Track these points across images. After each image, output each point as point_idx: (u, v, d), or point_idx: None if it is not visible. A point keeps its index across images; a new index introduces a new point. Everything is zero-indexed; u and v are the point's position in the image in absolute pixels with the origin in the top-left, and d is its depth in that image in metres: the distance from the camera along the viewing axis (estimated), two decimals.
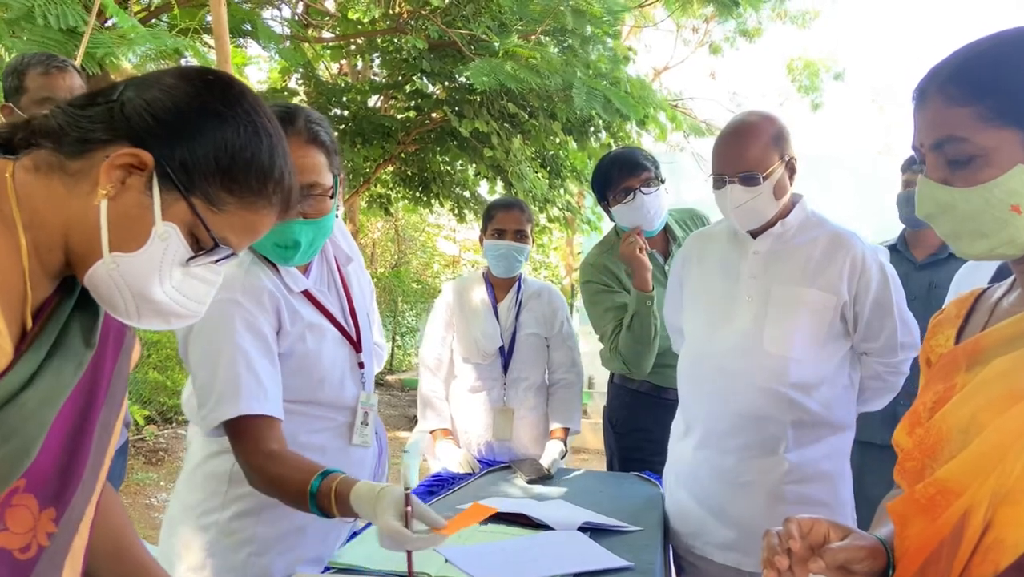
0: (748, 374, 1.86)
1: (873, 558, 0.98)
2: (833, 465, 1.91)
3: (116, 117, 0.83)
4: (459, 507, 1.98)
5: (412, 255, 14.89)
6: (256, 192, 0.87)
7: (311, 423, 1.56)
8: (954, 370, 0.98)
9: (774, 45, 19.35)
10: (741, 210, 1.86)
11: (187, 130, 0.84)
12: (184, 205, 0.83)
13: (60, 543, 0.85)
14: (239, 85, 0.91)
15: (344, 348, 1.62)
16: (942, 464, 0.93)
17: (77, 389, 0.84)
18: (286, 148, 0.91)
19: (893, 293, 1.89)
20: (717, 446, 1.91)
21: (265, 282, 1.51)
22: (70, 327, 0.85)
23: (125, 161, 0.81)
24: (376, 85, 7.32)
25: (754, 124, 1.86)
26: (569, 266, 13.72)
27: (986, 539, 0.87)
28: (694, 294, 2.06)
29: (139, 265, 0.83)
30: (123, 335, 0.96)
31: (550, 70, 4.83)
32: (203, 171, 0.84)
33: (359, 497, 1.29)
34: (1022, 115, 0.89)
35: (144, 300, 0.84)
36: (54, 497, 0.82)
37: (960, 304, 1.09)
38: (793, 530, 0.98)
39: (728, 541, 1.89)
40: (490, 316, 2.68)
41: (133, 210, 0.82)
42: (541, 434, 2.66)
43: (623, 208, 2.54)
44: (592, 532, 1.82)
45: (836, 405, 1.89)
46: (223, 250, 0.88)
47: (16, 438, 0.76)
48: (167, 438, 6.21)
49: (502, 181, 7.12)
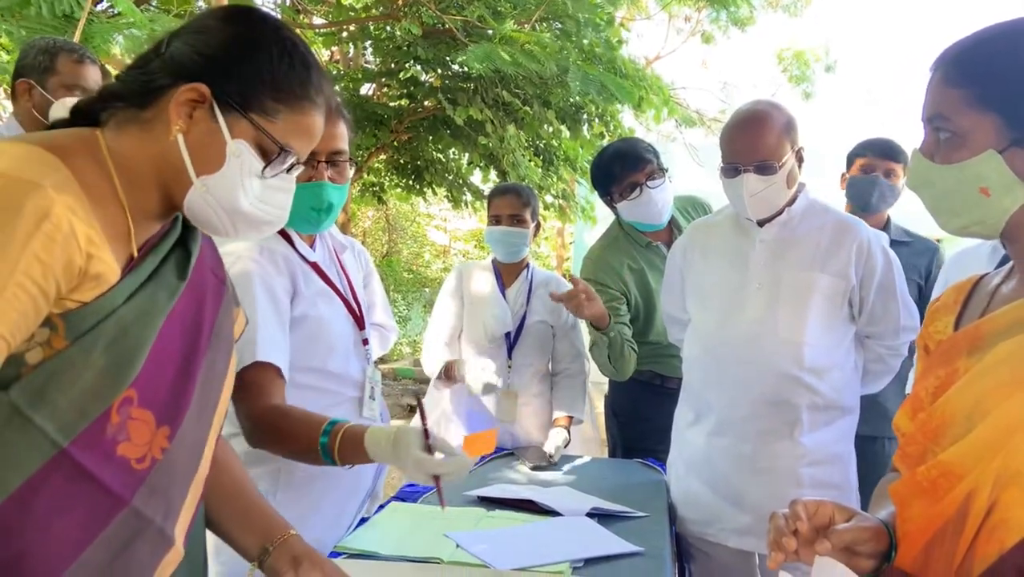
0: (765, 360, 1.87)
1: (877, 539, 0.99)
2: (843, 447, 1.95)
3: (169, 65, 0.96)
4: (464, 493, 1.98)
5: (403, 244, 14.87)
6: (301, 95, 0.99)
7: (323, 398, 1.59)
8: (955, 355, 0.99)
9: (766, 34, 19.36)
10: (756, 199, 1.87)
11: (231, 58, 0.96)
12: (246, 122, 0.96)
13: (177, 461, 0.97)
14: (261, 12, 1.04)
15: (349, 323, 1.68)
16: (945, 447, 0.95)
17: (180, 323, 0.97)
18: (314, 58, 1.03)
19: (896, 277, 1.92)
20: (734, 433, 1.92)
21: (280, 249, 1.60)
22: (167, 261, 0.98)
23: (187, 97, 0.93)
24: (369, 73, 7.27)
25: (766, 113, 1.87)
26: (560, 256, 13.73)
27: (991, 519, 0.88)
28: (700, 284, 2.07)
29: (224, 182, 0.96)
30: (221, 292, 1.08)
31: (546, 55, 4.81)
32: (253, 89, 0.96)
33: (375, 440, 1.35)
34: (1003, 103, 0.92)
35: (235, 213, 0.98)
36: (168, 417, 0.95)
37: (958, 290, 1.11)
38: (800, 512, 0.99)
39: (744, 526, 1.90)
40: (499, 299, 2.67)
41: (205, 137, 0.95)
42: (545, 422, 2.65)
43: (629, 204, 2.52)
44: (600, 518, 1.83)
45: (845, 388, 1.93)
46: (290, 156, 1.00)
47: (118, 347, 0.88)
48: None
49: (495, 169, 7.11)
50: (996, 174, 0.93)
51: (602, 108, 6.32)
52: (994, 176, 0.93)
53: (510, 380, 2.64)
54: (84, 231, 0.84)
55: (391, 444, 1.34)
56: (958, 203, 0.97)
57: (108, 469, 0.88)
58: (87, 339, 0.86)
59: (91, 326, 0.86)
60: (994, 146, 0.92)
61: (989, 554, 0.88)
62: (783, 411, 1.87)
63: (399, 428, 1.37)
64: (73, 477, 0.86)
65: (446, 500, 1.37)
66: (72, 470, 0.86)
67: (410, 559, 1.51)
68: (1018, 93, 0.92)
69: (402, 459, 1.33)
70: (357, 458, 1.37)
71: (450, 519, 1.76)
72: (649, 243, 2.63)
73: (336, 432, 1.37)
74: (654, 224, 2.56)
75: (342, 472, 1.54)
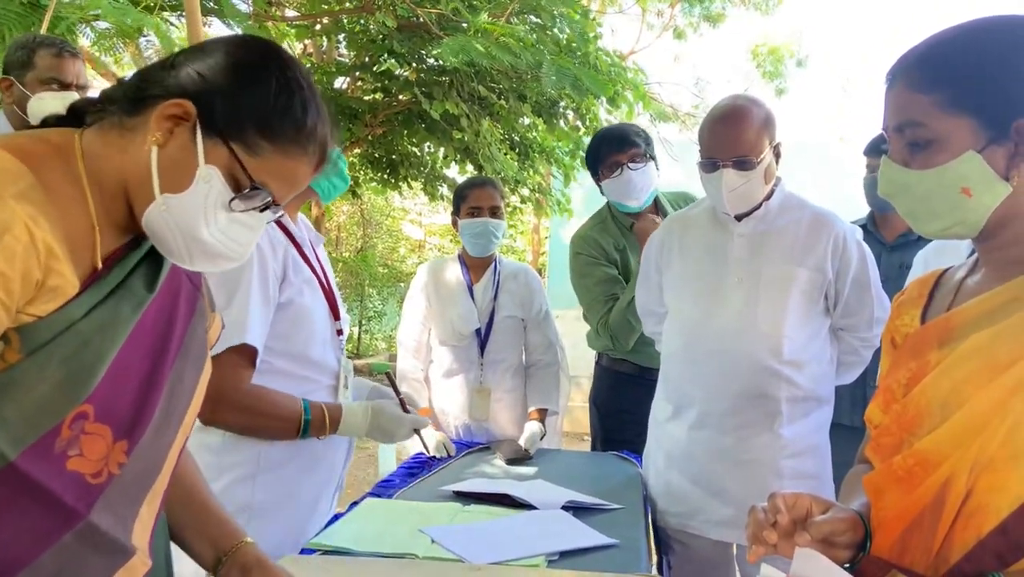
0: (746, 354, 1.89)
1: (854, 530, 1.01)
2: (820, 438, 1.98)
3: (168, 78, 0.95)
4: (440, 488, 1.98)
5: (378, 239, 14.79)
6: (291, 140, 0.96)
7: (301, 385, 1.65)
8: (925, 348, 1.01)
9: (738, 30, 19.50)
10: (735, 194, 1.89)
11: (227, 84, 0.94)
12: (224, 150, 0.93)
13: (134, 476, 0.94)
14: (275, 47, 1.02)
15: (327, 312, 1.73)
16: (921, 437, 0.96)
17: (147, 334, 0.95)
18: (321, 105, 1.00)
19: (870, 270, 1.95)
20: (716, 426, 1.93)
21: (277, 233, 1.65)
22: (134, 273, 0.95)
23: (172, 112, 0.91)
24: (343, 66, 7.20)
25: (745, 109, 1.89)
26: (536, 251, 13.74)
27: (968, 505, 0.90)
28: (678, 278, 2.08)
29: (186, 205, 0.92)
30: (195, 300, 1.05)
31: (521, 48, 4.80)
32: (240, 119, 0.94)
33: (352, 413, 1.66)
34: (976, 104, 0.93)
35: (193, 240, 0.94)
36: (127, 431, 0.92)
37: (922, 284, 1.13)
38: (780, 505, 1.01)
39: (726, 518, 1.92)
40: (466, 298, 2.67)
41: (179, 154, 0.92)
42: (520, 416, 2.66)
43: (610, 183, 2.60)
44: (575, 511, 1.83)
45: (822, 380, 1.96)
46: (262, 194, 0.96)
47: (74, 362, 0.86)
48: None
49: (471, 163, 7.08)
50: (977, 174, 0.94)
51: (578, 102, 6.32)
52: (975, 176, 0.94)
53: (483, 376, 2.63)
54: (44, 243, 0.83)
55: (368, 414, 1.64)
56: (939, 206, 0.98)
57: (59, 482, 0.87)
58: (42, 353, 0.84)
59: (46, 340, 0.84)
60: (972, 147, 0.93)
61: (967, 540, 0.89)
62: (764, 404, 1.89)
63: (375, 402, 1.70)
64: (22, 489, 0.85)
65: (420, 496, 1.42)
66: (20, 483, 0.84)
67: (385, 555, 1.50)
68: (989, 92, 0.93)
69: (384, 423, 1.66)
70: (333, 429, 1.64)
71: (425, 514, 1.75)
72: (632, 225, 2.68)
73: (316, 408, 1.61)
74: (630, 205, 2.62)
75: (316, 460, 1.68)
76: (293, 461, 1.64)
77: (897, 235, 2.75)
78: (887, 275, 2.60)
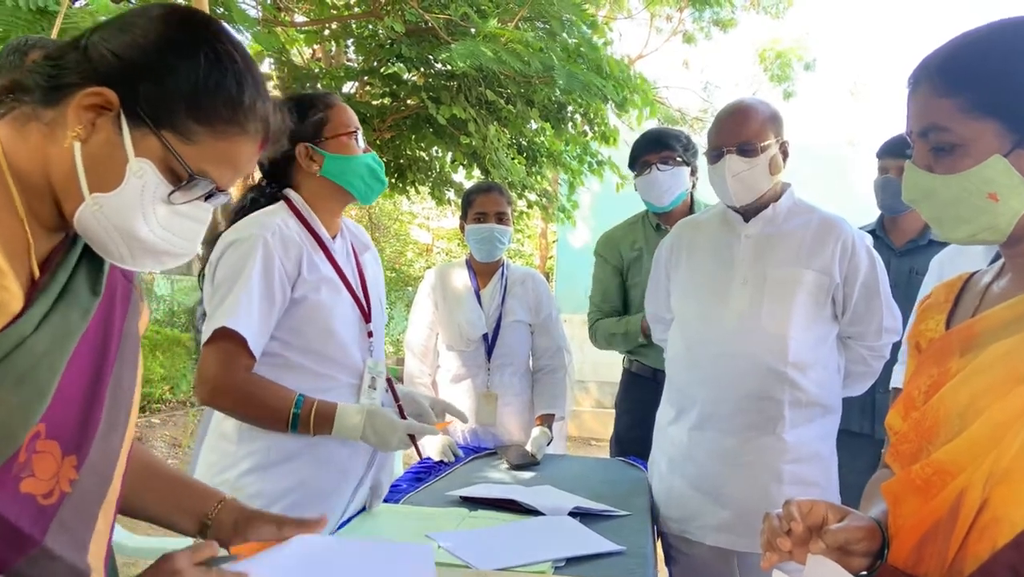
0: (749, 354, 1.89)
1: (870, 538, 0.99)
2: (825, 447, 1.96)
3: (83, 61, 0.84)
4: (447, 493, 1.97)
5: (386, 243, 14.82)
6: (227, 120, 0.88)
7: (317, 381, 1.66)
8: (947, 355, 0.99)
9: (747, 34, 19.53)
10: (738, 179, 1.90)
11: (149, 65, 0.85)
12: (155, 140, 0.85)
13: (85, 490, 0.87)
14: (201, 16, 0.91)
15: (355, 313, 1.74)
16: (939, 446, 0.95)
17: (89, 340, 0.87)
18: (258, 76, 0.91)
19: (880, 278, 1.94)
20: (717, 427, 1.92)
21: (294, 233, 1.66)
22: (76, 276, 0.87)
23: (91, 102, 0.82)
24: (351, 71, 7.23)
25: (752, 104, 1.95)
26: (543, 255, 13.74)
27: (983, 518, 0.88)
28: (685, 282, 2.08)
29: (120, 203, 0.84)
30: (129, 295, 0.97)
31: (530, 53, 4.80)
32: (169, 104, 0.85)
33: (346, 413, 1.60)
34: (1000, 107, 0.91)
35: (132, 239, 0.86)
36: (75, 445, 0.85)
37: (948, 289, 1.11)
38: (794, 512, 0.99)
39: (723, 522, 1.91)
40: (473, 302, 2.67)
41: (105, 149, 0.83)
42: (527, 421, 2.65)
43: (640, 181, 2.72)
44: (582, 517, 1.83)
45: (828, 387, 1.94)
46: (204, 184, 0.88)
47: (29, 382, 0.79)
48: (141, 427, 6.12)
49: (479, 168, 7.09)
50: (1004, 178, 0.92)
51: (586, 106, 6.32)
52: (1002, 180, 0.92)
53: (490, 381, 2.63)
54: None
55: (363, 417, 1.59)
56: (966, 211, 0.95)
57: (14, 508, 0.80)
58: None
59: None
60: (998, 151, 0.92)
61: (981, 552, 0.88)
62: (766, 406, 1.88)
63: (372, 405, 1.64)
64: None
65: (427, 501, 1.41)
66: None
67: None
68: (1014, 94, 0.91)
69: (378, 427, 1.60)
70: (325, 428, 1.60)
71: (432, 519, 1.75)
72: (659, 225, 2.78)
73: (308, 403, 1.58)
74: (654, 204, 2.72)
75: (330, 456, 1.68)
76: (304, 455, 1.65)
77: (907, 240, 2.73)
78: (896, 281, 2.58)
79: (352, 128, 1.74)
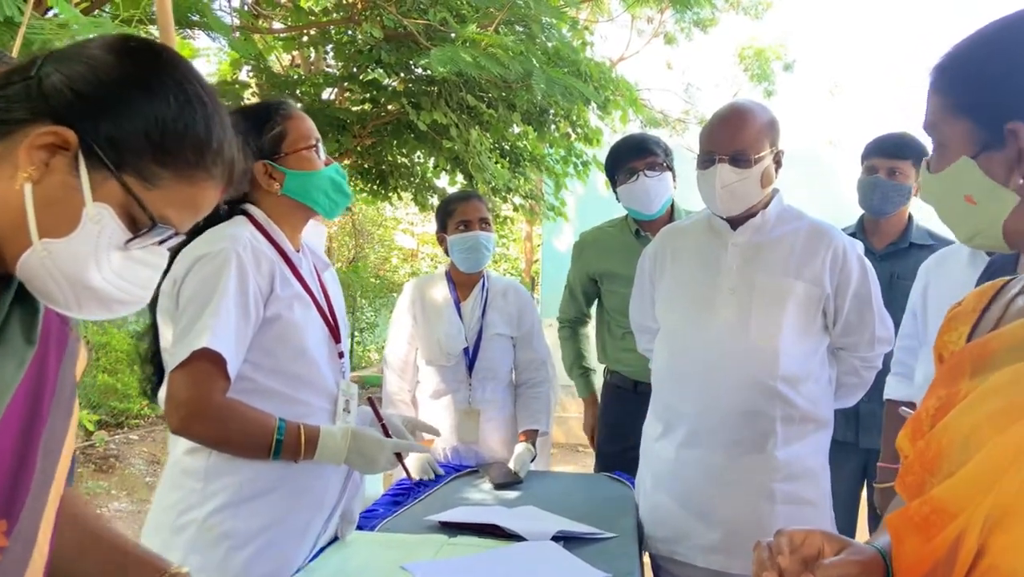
0: (737, 368, 1.82)
1: (868, 573, 0.91)
2: (817, 462, 1.91)
3: (34, 94, 0.77)
4: (426, 518, 1.90)
5: (370, 249, 14.72)
6: (193, 164, 0.82)
7: (294, 407, 1.57)
8: (959, 374, 0.91)
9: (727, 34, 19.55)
10: (727, 191, 1.83)
11: (112, 103, 0.78)
12: (115, 184, 0.78)
13: (13, 558, 0.79)
14: (168, 52, 0.85)
15: (324, 333, 1.67)
16: (940, 480, 0.87)
17: (22, 392, 0.79)
18: (224, 118, 0.86)
19: (872, 286, 1.88)
20: (704, 444, 1.86)
21: (265, 248, 1.59)
22: (9, 323, 0.80)
23: (47, 141, 0.75)
24: (330, 77, 7.15)
25: (748, 109, 1.87)
26: (529, 259, 13.69)
27: (980, 565, 0.80)
28: (670, 289, 2.01)
29: (72, 251, 0.77)
30: (66, 338, 0.90)
31: (509, 58, 4.74)
32: (133, 146, 0.78)
33: (331, 436, 1.53)
34: (975, 107, 0.89)
35: (82, 288, 0.79)
36: (5, 509, 0.77)
37: (978, 297, 1.01)
38: (783, 545, 0.91)
39: (713, 544, 1.85)
40: (453, 316, 2.60)
41: (60, 192, 0.76)
42: (510, 437, 2.58)
43: (625, 189, 2.64)
44: (566, 541, 1.76)
45: (820, 400, 1.89)
46: (164, 230, 0.82)
47: None
48: (118, 444, 6.00)
49: (461, 173, 7.03)
50: (975, 181, 0.89)
51: (567, 109, 6.28)
52: (974, 183, 0.89)
53: (471, 396, 2.56)
54: None
55: (348, 438, 1.53)
56: (950, 214, 0.94)
57: None
58: None
59: None
60: (967, 152, 0.89)
61: None
62: (756, 422, 1.82)
63: (355, 427, 1.57)
64: None
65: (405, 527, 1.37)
66: None
67: None
68: (987, 93, 0.88)
69: (363, 449, 1.53)
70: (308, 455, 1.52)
71: (409, 548, 1.68)
72: (638, 231, 2.73)
73: (292, 428, 1.50)
74: (642, 212, 2.65)
75: (304, 488, 1.59)
76: (279, 489, 1.57)
77: (887, 243, 2.68)
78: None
79: (312, 141, 1.65)
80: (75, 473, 2.77)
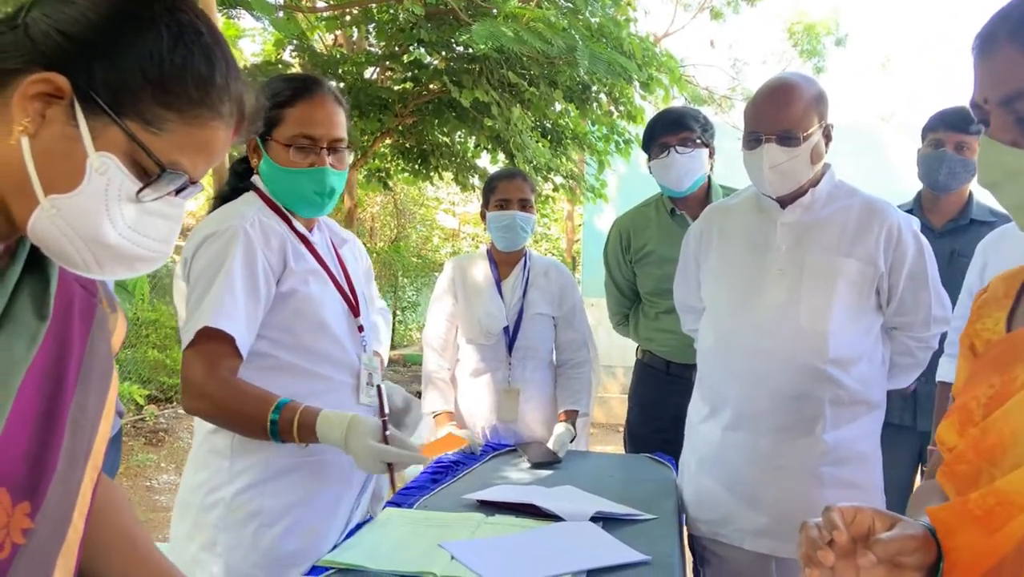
0: (785, 351, 1.77)
1: (925, 549, 0.84)
2: (868, 446, 1.84)
3: (23, 41, 0.72)
4: (464, 497, 1.89)
5: (411, 229, 14.80)
6: (198, 102, 0.77)
7: (316, 383, 1.57)
8: (1012, 361, 0.85)
9: (775, 8, 19.09)
10: (776, 171, 1.76)
11: (104, 43, 0.73)
12: (117, 131, 0.73)
13: (42, 539, 0.77)
14: None
15: (343, 307, 1.66)
16: (1005, 471, 0.81)
17: (38, 369, 0.76)
18: (227, 50, 0.80)
19: (928, 265, 1.81)
20: (751, 428, 1.81)
21: (275, 224, 1.59)
22: (18, 298, 0.76)
23: (39, 90, 0.71)
24: (372, 56, 7.16)
25: (795, 84, 1.78)
26: (570, 238, 13.61)
27: None
28: (716, 270, 1.96)
29: (81, 206, 0.73)
30: (92, 310, 0.86)
31: (551, 33, 4.68)
32: (130, 87, 0.73)
33: (327, 422, 1.42)
34: None
35: (98, 245, 0.75)
36: (28, 489, 0.74)
37: (1008, 282, 0.96)
38: (836, 520, 0.84)
39: (761, 527, 1.80)
40: (494, 294, 2.57)
41: (60, 144, 0.72)
42: (549, 417, 2.56)
43: (657, 164, 2.57)
44: (605, 522, 1.74)
45: (872, 382, 1.82)
46: (176, 177, 0.78)
47: None
48: (167, 418, 6.14)
49: (503, 152, 6.99)
50: None
51: (610, 86, 6.19)
52: None
53: (511, 376, 2.54)
54: None
55: (344, 429, 1.42)
56: None
57: None
58: None
59: None
60: None
61: None
62: (804, 405, 1.77)
63: (355, 416, 1.45)
64: None
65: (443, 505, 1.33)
66: None
67: (400, 574, 1.42)
68: None
69: (353, 446, 1.41)
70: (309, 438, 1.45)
71: (446, 526, 1.67)
72: (673, 211, 2.65)
73: (289, 410, 1.43)
74: (672, 188, 2.58)
75: (328, 466, 1.59)
76: (304, 466, 1.57)
77: (946, 220, 2.58)
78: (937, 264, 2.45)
79: (305, 141, 1.58)
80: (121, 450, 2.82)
